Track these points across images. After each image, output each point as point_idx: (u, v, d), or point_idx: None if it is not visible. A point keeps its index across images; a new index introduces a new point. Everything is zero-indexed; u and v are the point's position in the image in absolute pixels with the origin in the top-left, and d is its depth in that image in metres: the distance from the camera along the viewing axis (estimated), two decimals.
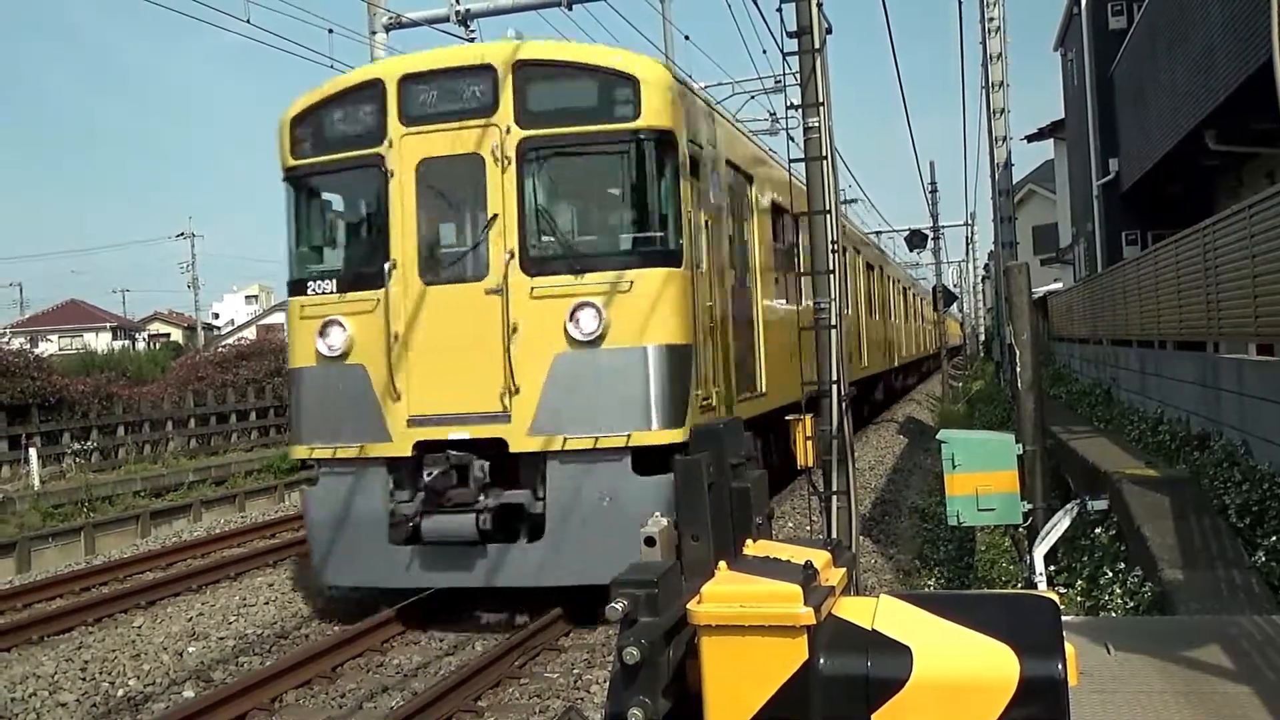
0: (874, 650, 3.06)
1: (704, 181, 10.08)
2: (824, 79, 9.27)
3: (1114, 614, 6.81)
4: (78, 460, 23.10)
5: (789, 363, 11.50)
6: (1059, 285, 33.66)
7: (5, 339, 40.53)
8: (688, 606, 3.23)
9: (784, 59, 9.74)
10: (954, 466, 8.00)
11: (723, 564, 3.44)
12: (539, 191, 9.23)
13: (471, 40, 14.86)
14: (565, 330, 8.82)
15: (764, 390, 11.99)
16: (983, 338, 57.39)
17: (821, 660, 3.05)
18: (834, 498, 9.18)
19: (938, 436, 8.69)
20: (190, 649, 9.34)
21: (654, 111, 8.94)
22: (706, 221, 10.05)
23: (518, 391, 8.86)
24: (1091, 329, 21.71)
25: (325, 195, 10.39)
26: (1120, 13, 22.55)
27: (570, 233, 9.67)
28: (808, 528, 11.07)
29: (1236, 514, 7.82)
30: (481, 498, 8.81)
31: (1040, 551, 6.88)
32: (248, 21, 12.09)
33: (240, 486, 22.45)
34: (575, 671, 8.09)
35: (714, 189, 10.51)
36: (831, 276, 9.39)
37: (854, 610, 3.29)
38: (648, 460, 8.71)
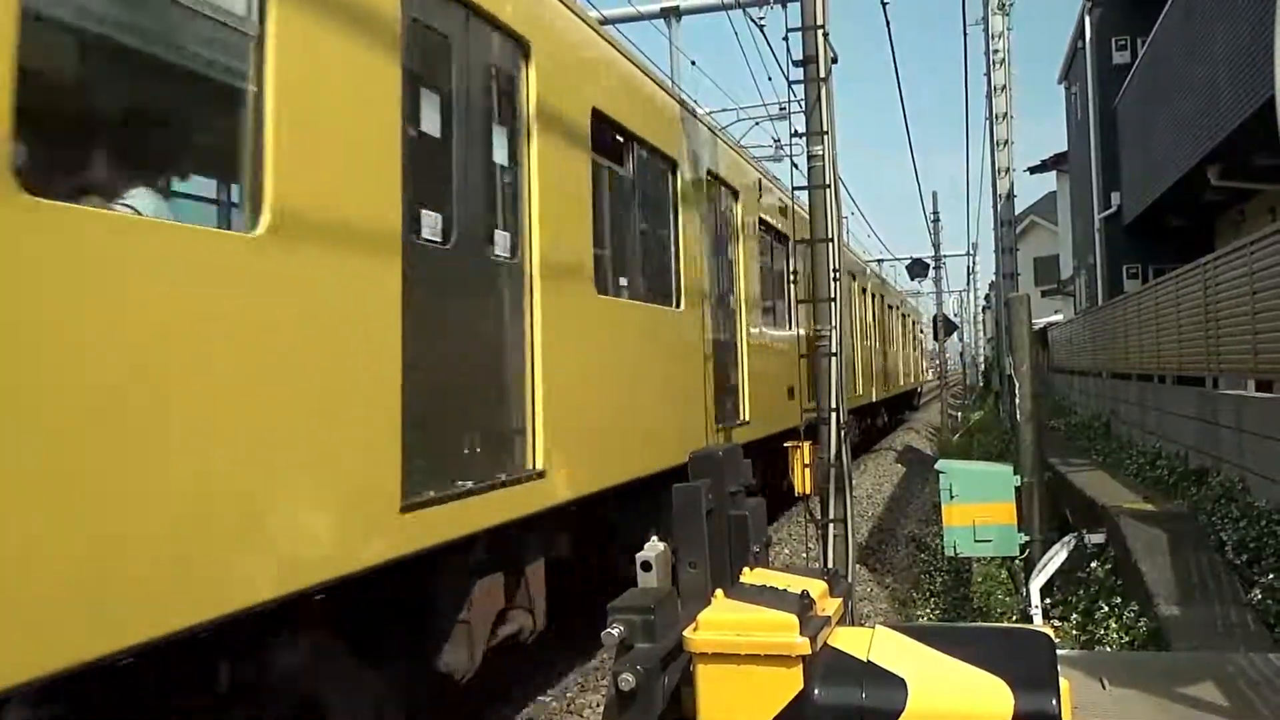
0: (869, 682, 3.06)
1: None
2: (829, 107, 9.31)
3: (1109, 648, 6.80)
4: None
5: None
6: (1060, 317, 33.70)
7: None
8: (684, 634, 3.23)
9: (789, 87, 9.78)
10: (951, 497, 7.99)
11: (719, 591, 3.44)
12: None
13: None
14: None
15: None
16: (982, 368, 57.33)
17: (816, 691, 3.05)
18: (830, 526, 9.14)
19: (936, 466, 8.67)
20: None
21: None
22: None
23: None
24: (1091, 361, 21.74)
25: None
26: (1124, 48, 22.73)
27: None
28: (803, 555, 11.03)
29: (1234, 550, 7.82)
30: None
31: (1036, 584, 6.86)
32: None
33: None
34: (569, 695, 8.03)
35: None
36: (832, 304, 9.37)
37: (849, 641, 3.30)
38: None
